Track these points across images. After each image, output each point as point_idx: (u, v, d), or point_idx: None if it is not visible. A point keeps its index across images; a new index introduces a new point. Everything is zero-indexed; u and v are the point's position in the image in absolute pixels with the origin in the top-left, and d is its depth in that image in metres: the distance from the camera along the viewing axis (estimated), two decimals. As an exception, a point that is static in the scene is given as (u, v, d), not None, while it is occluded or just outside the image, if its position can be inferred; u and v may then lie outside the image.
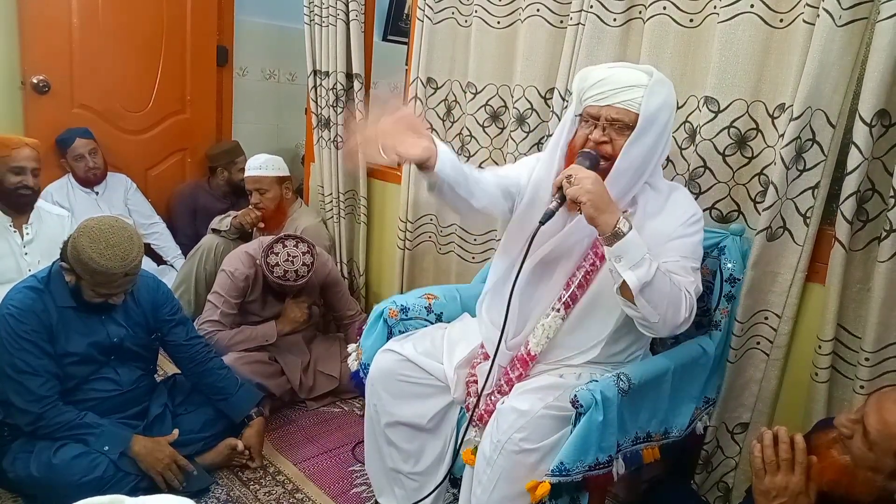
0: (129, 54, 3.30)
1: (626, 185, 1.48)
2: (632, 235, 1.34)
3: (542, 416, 1.42)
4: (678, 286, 1.39)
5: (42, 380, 1.78)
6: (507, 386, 1.57)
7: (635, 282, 1.32)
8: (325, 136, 2.95)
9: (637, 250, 1.33)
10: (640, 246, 1.34)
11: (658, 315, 1.36)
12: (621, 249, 1.33)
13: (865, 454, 1.10)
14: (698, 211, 1.54)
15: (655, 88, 1.44)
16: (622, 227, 1.33)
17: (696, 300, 1.44)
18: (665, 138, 1.50)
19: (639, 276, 1.32)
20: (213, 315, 2.38)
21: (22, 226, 2.34)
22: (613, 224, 1.33)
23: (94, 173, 3.10)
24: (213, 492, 1.97)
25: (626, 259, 1.33)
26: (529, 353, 1.57)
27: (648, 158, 1.47)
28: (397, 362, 1.69)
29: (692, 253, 1.48)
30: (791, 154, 1.57)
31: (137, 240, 1.80)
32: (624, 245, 1.33)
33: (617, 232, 1.33)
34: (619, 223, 1.33)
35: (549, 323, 1.55)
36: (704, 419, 1.75)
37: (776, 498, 1.17)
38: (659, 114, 1.45)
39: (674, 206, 1.52)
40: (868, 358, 1.51)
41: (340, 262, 2.99)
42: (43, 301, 1.80)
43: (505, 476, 1.42)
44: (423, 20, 2.41)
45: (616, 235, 1.33)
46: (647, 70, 1.48)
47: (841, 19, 1.47)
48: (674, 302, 1.37)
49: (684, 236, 1.48)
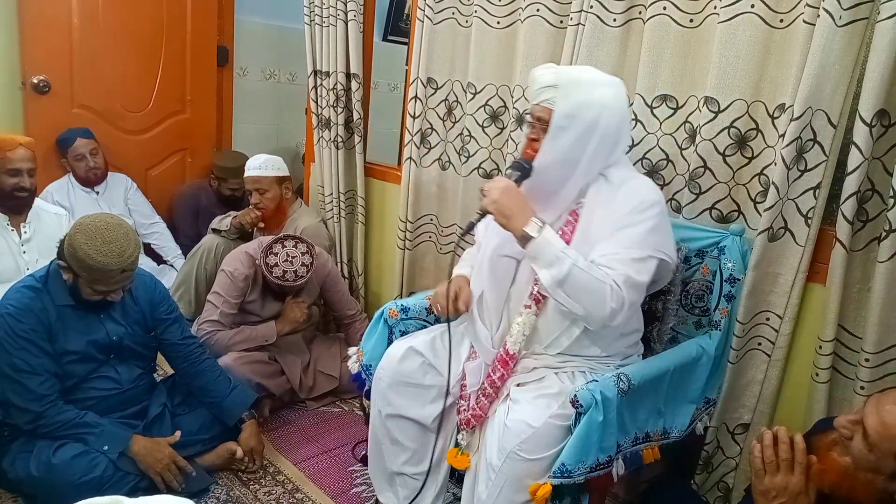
0: (130, 54, 3.30)
1: (556, 180, 1.53)
2: (542, 238, 1.42)
3: (548, 427, 1.43)
4: (601, 279, 1.41)
5: (41, 379, 1.78)
6: (491, 388, 1.57)
7: (549, 280, 1.42)
8: (326, 136, 2.95)
9: (549, 250, 1.41)
10: (553, 245, 1.42)
11: (582, 308, 1.43)
12: (534, 251, 1.43)
13: (865, 455, 1.10)
14: (652, 197, 1.52)
15: (569, 89, 1.48)
16: (530, 231, 1.42)
17: (690, 295, 1.45)
18: (598, 134, 1.50)
19: (552, 274, 1.41)
20: (212, 315, 2.37)
21: (20, 224, 2.34)
22: (521, 229, 1.42)
23: (94, 173, 3.10)
24: (213, 492, 1.96)
25: (540, 259, 1.43)
26: (508, 353, 1.57)
27: (575, 154, 1.51)
28: (418, 367, 1.68)
29: (638, 242, 1.46)
30: (792, 154, 1.57)
31: (134, 236, 1.80)
32: (535, 247, 1.42)
33: (525, 235, 1.42)
34: (527, 227, 1.42)
35: (523, 321, 1.57)
36: (705, 419, 1.75)
37: (776, 498, 1.17)
38: (580, 112, 1.48)
39: (625, 195, 1.51)
40: (868, 359, 1.51)
41: (340, 262, 2.99)
42: (41, 300, 1.80)
43: (510, 484, 1.43)
44: (423, 20, 2.41)
45: (525, 238, 1.42)
46: (553, 69, 1.53)
47: (841, 19, 1.47)
48: (595, 295, 1.41)
49: (631, 225, 1.47)
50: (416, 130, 2.52)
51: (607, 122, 1.50)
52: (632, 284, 1.43)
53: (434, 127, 2.54)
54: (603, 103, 1.50)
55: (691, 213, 1.80)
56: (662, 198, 1.54)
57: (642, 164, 1.90)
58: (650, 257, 1.46)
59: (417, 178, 2.59)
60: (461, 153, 2.46)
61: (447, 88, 2.49)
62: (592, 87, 1.51)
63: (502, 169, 2.31)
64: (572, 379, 1.55)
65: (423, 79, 2.47)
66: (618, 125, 1.53)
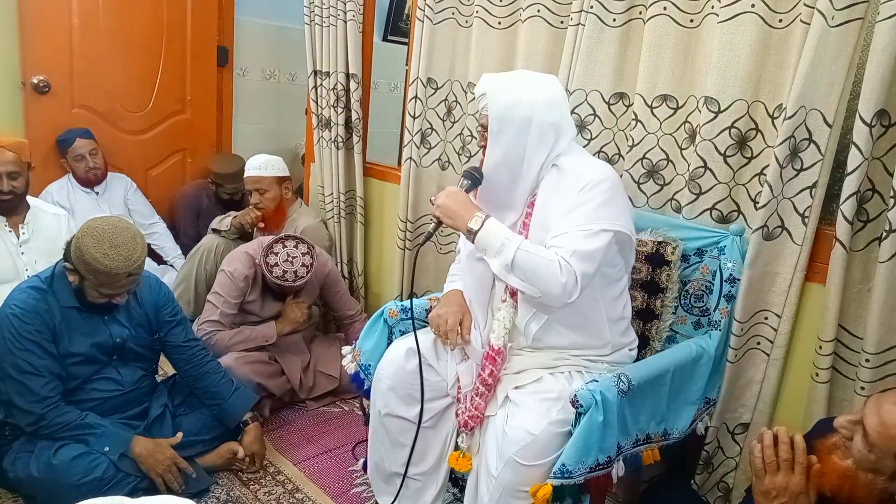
0: (130, 54, 3.29)
1: (507, 181, 1.57)
2: (483, 231, 1.48)
3: (548, 433, 1.43)
4: (548, 258, 1.44)
5: (45, 380, 1.78)
6: (483, 387, 1.57)
7: (498, 267, 1.48)
8: (326, 136, 2.95)
9: (493, 240, 1.48)
10: (495, 236, 1.48)
11: (537, 289, 1.46)
12: (480, 244, 1.49)
13: (865, 456, 1.10)
14: (600, 174, 1.52)
15: (496, 92, 1.53)
16: (472, 226, 1.49)
17: (689, 295, 1.45)
18: (534, 128, 1.52)
19: (500, 261, 1.47)
20: (212, 315, 2.37)
21: (18, 225, 2.33)
22: (465, 225, 1.50)
23: (94, 173, 3.10)
24: (213, 492, 1.97)
25: (488, 250, 1.49)
26: (493, 349, 1.58)
27: (517, 152, 1.54)
28: (408, 361, 1.69)
29: (588, 218, 1.48)
30: (785, 153, 1.57)
31: (141, 240, 1.80)
32: (480, 240, 1.49)
33: (469, 230, 1.49)
34: (470, 222, 1.49)
35: (502, 315, 1.59)
36: (705, 419, 1.75)
37: (776, 498, 1.17)
38: (511, 111, 1.52)
39: (573, 179, 1.53)
40: (869, 359, 1.51)
41: (340, 262, 2.99)
42: (46, 301, 1.80)
43: (509, 489, 1.44)
44: (423, 20, 2.41)
45: (470, 233, 1.49)
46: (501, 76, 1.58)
47: (833, 20, 1.47)
48: (545, 272, 1.43)
49: (580, 205, 1.49)
50: (416, 130, 2.52)
51: (542, 116, 1.52)
52: (580, 256, 1.44)
53: (434, 127, 2.54)
54: (532, 100, 1.52)
55: (691, 213, 1.80)
56: (613, 174, 1.55)
57: (642, 164, 1.91)
58: (602, 231, 1.47)
59: (417, 178, 2.59)
60: (461, 153, 2.46)
61: (447, 88, 2.49)
62: (519, 87, 1.54)
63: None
64: (570, 380, 1.55)
65: (423, 79, 2.47)
66: (555, 116, 1.54)
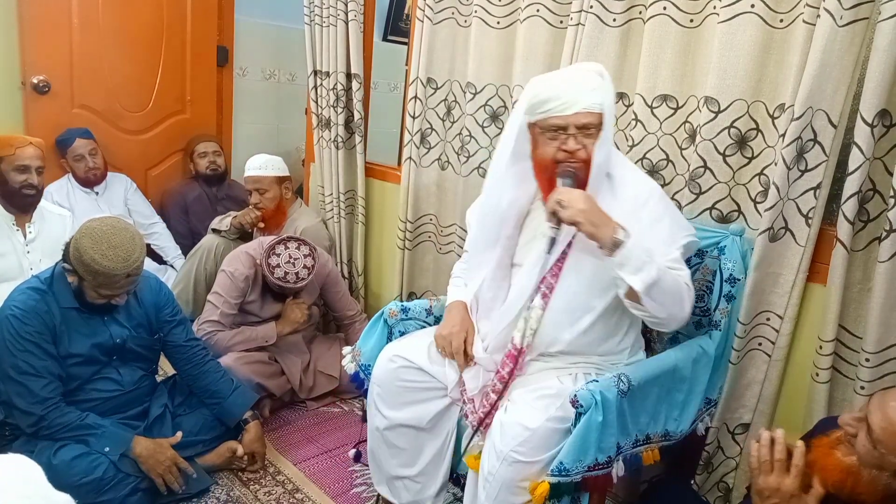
0: (129, 54, 3.29)
1: (600, 185, 1.52)
2: (631, 242, 1.38)
3: (546, 429, 1.42)
4: (679, 281, 1.43)
5: (45, 381, 1.77)
6: (500, 384, 1.57)
7: (640, 286, 1.38)
8: (326, 136, 2.95)
9: (638, 255, 1.38)
10: (641, 250, 1.39)
11: (665, 311, 1.42)
12: (623, 258, 1.38)
13: (870, 452, 1.11)
14: (646, 186, 1.55)
15: (607, 85, 1.49)
16: (620, 237, 1.38)
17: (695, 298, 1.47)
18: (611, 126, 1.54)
19: (643, 279, 1.37)
20: (212, 315, 2.37)
21: (25, 224, 2.34)
22: (611, 236, 1.38)
23: (94, 173, 3.09)
24: (213, 492, 1.97)
25: (628, 265, 1.38)
26: (516, 347, 1.57)
27: (610, 151, 1.53)
28: (398, 368, 1.68)
29: (671, 234, 1.49)
30: (792, 154, 1.57)
31: (140, 240, 1.80)
32: (625, 253, 1.38)
33: (616, 242, 1.38)
34: (616, 233, 1.38)
35: (531, 315, 1.56)
36: (706, 420, 1.75)
37: (769, 498, 1.18)
38: (612, 107, 1.51)
39: (621, 189, 1.53)
40: (869, 359, 1.51)
41: (340, 262, 2.99)
42: (46, 302, 1.80)
43: (507, 486, 1.43)
44: (423, 20, 2.41)
45: (616, 245, 1.38)
46: (597, 70, 1.52)
47: (842, 19, 1.47)
48: (678, 297, 1.43)
49: (655, 221, 1.49)
50: (416, 130, 2.52)
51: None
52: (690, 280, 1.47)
53: (434, 127, 2.54)
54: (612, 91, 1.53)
55: (691, 213, 1.80)
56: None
57: (642, 163, 1.90)
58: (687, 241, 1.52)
59: (417, 177, 2.59)
60: (460, 153, 2.46)
61: (447, 88, 2.49)
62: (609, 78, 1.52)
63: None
64: (575, 381, 1.54)
65: (422, 79, 2.46)
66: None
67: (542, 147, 1.52)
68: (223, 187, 3.50)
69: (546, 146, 1.51)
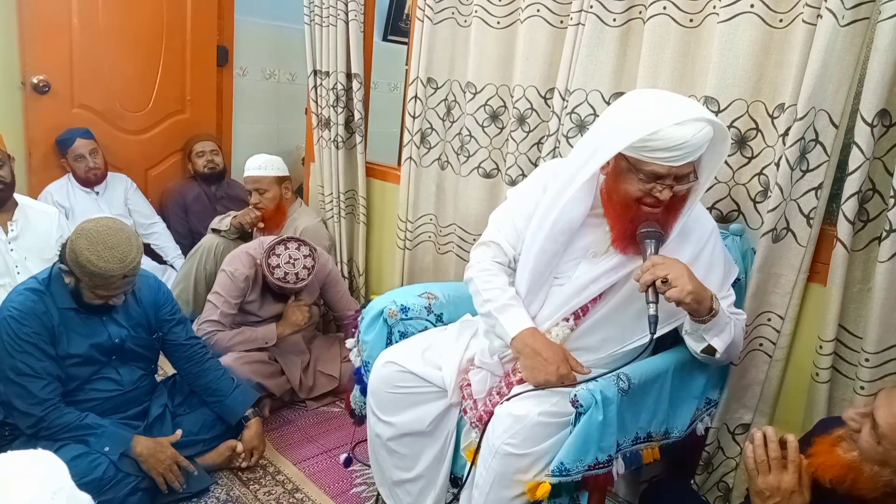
0: (129, 54, 3.29)
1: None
2: (722, 311, 1.43)
3: (536, 422, 1.42)
4: (742, 328, 1.52)
5: (44, 382, 1.77)
6: (507, 388, 1.56)
7: (721, 346, 1.46)
8: (326, 136, 2.95)
9: (723, 320, 1.44)
10: (725, 314, 1.45)
11: (729, 356, 1.52)
12: (713, 324, 1.43)
13: (873, 448, 1.10)
14: (708, 225, 1.57)
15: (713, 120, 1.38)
16: (716, 307, 1.41)
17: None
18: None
19: (723, 339, 1.46)
20: (212, 315, 2.37)
21: (6, 223, 2.33)
22: (710, 308, 1.41)
23: (94, 173, 3.09)
24: (213, 491, 1.97)
25: (714, 329, 1.44)
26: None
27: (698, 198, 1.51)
28: (392, 373, 1.67)
29: (725, 276, 1.55)
30: (795, 155, 1.57)
31: (136, 241, 1.80)
32: (715, 320, 1.43)
33: (712, 311, 1.41)
34: (715, 304, 1.41)
35: (557, 331, 1.56)
36: (706, 420, 1.75)
37: (770, 498, 1.18)
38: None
39: (688, 229, 1.52)
40: (868, 359, 1.51)
41: (340, 262, 2.99)
42: (44, 303, 1.80)
43: (499, 479, 1.43)
44: (423, 20, 2.41)
45: (710, 313, 1.41)
46: (709, 118, 1.37)
47: (844, 19, 1.47)
48: (741, 342, 1.54)
49: (714, 264, 1.53)
50: (416, 130, 2.52)
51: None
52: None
53: (434, 127, 2.54)
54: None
55: (691, 213, 1.80)
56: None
57: (642, 164, 1.90)
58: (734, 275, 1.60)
59: (417, 177, 2.59)
60: (460, 153, 2.46)
61: (447, 88, 2.48)
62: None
63: (502, 169, 2.31)
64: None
65: (422, 79, 2.46)
66: None
67: (627, 183, 1.43)
68: (222, 186, 3.50)
69: (632, 183, 1.42)
